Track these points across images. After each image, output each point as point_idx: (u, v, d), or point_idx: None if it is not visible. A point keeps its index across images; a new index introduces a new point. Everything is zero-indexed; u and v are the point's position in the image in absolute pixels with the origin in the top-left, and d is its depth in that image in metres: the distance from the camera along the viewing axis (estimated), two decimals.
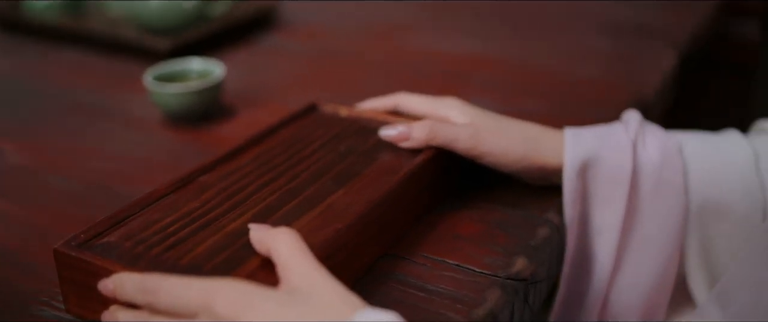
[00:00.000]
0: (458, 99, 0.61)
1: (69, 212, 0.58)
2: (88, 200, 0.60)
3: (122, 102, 0.79)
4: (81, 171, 0.64)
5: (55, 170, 0.65)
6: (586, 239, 0.59)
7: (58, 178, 0.63)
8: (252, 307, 0.36)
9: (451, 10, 1.08)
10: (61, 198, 0.60)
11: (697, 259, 0.62)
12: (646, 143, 0.59)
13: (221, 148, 0.67)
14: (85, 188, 0.61)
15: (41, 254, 0.52)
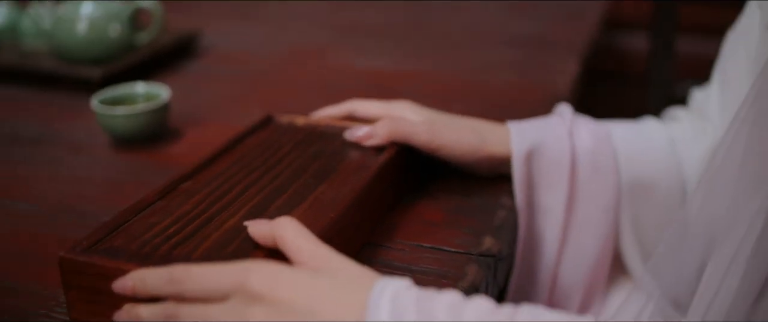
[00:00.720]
0: (409, 101, 0.66)
1: (41, 232, 0.58)
2: (57, 222, 0.60)
3: (64, 131, 0.78)
4: (41, 196, 0.64)
5: (14, 197, 0.64)
6: (535, 221, 0.65)
7: (19, 203, 0.63)
8: (285, 281, 0.39)
9: (366, 33, 1.13)
10: (29, 222, 0.60)
11: (630, 235, 0.70)
12: (580, 131, 0.66)
13: (175, 166, 0.69)
14: (50, 211, 0.62)
15: (25, 273, 0.52)
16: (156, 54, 0.95)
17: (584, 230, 0.66)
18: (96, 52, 0.91)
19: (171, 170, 0.68)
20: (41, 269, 0.53)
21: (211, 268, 0.41)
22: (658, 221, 0.69)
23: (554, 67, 0.96)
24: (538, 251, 0.66)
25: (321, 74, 0.96)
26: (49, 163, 0.71)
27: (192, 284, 0.40)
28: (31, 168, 0.70)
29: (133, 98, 0.76)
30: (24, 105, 0.87)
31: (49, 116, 0.83)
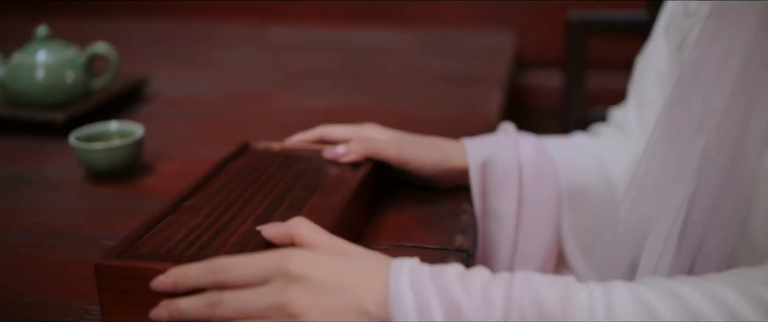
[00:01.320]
0: (375, 124, 0.74)
1: (46, 256, 0.62)
2: (57, 247, 0.64)
3: (37, 171, 0.82)
4: (32, 225, 0.68)
5: (5, 228, 0.67)
6: (491, 225, 0.74)
7: (12, 233, 0.66)
8: (318, 263, 0.46)
9: (306, 77, 1.21)
10: (30, 249, 0.63)
11: (570, 235, 0.79)
12: (523, 145, 0.75)
13: (155, 195, 0.74)
14: (46, 238, 0.65)
15: (46, 291, 0.56)
16: (111, 97, 0.99)
17: (532, 232, 0.75)
18: (53, 98, 0.95)
19: (152, 199, 0.73)
20: (60, 286, 0.57)
21: (251, 256, 0.46)
22: (593, 222, 0.79)
23: (483, 99, 1.06)
24: (494, 250, 0.74)
25: (270, 114, 1.02)
26: (31, 198, 0.74)
27: (235, 272, 0.46)
28: (14, 204, 0.73)
29: (107, 135, 0.80)
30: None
31: (17, 159, 0.85)
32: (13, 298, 0.56)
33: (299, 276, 0.45)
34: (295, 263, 0.45)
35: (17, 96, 0.95)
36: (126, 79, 1.06)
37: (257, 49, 1.41)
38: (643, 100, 0.80)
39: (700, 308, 0.44)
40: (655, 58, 0.79)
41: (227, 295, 0.46)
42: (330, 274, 0.45)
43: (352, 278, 0.46)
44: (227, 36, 1.51)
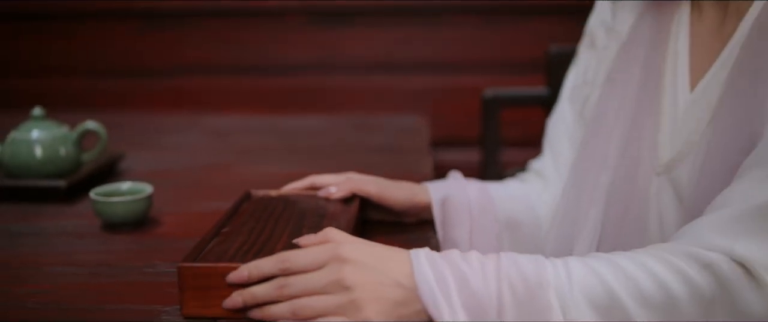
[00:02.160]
0: (354, 172, 0.91)
1: (100, 281, 0.75)
2: (109, 273, 0.76)
3: (53, 227, 0.93)
4: (77, 262, 0.80)
5: (47, 265, 0.79)
6: None
7: (63, 268, 0.78)
8: (362, 250, 0.62)
9: (254, 153, 1.37)
10: (79, 277, 0.76)
11: None
12: (469, 186, 0.95)
13: (170, 240, 0.87)
14: (95, 269, 0.78)
15: (120, 301, 0.69)
16: (101, 168, 1.12)
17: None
18: (48, 170, 1.07)
19: (168, 241, 0.87)
20: (129, 297, 0.70)
21: (313, 247, 0.63)
22: (526, 246, 0.98)
23: (417, 163, 1.26)
24: None
25: (238, 180, 1.17)
26: (65, 244, 0.86)
27: (300, 261, 0.62)
28: (52, 249, 0.85)
29: (120, 193, 0.93)
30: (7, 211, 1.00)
31: (31, 217, 0.97)
32: (96, 308, 0.68)
33: (349, 259, 0.62)
34: (345, 250, 0.62)
35: (16, 169, 1.06)
36: (109, 153, 1.19)
37: (201, 134, 1.56)
38: (557, 152, 1.02)
39: (627, 267, 0.64)
40: (563, 119, 1.02)
41: (293, 278, 0.62)
42: (370, 257, 0.62)
43: (386, 260, 0.63)
44: (170, 124, 1.65)
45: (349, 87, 1.90)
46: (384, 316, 0.61)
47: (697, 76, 0.82)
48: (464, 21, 1.85)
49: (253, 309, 0.63)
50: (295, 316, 0.61)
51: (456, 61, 1.87)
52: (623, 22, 0.93)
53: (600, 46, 0.96)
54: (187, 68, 1.90)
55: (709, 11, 0.83)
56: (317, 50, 1.89)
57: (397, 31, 1.88)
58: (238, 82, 1.90)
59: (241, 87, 1.90)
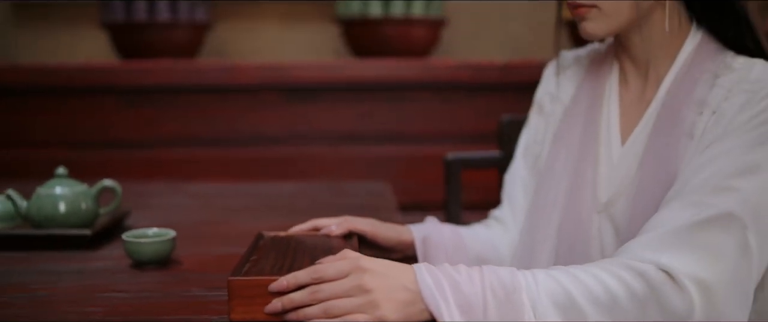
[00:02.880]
0: (349, 216, 1.09)
1: (145, 303, 0.89)
2: (155, 298, 0.91)
3: (88, 266, 1.07)
4: (125, 289, 0.94)
5: (103, 290, 0.94)
6: None
7: (112, 294, 0.93)
8: (377, 262, 0.80)
9: (241, 212, 1.53)
10: (134, 300, 0.90)
11: None
12: (444, 228, 1.13)
13: (193, 274, 1.02)
14: (139, 294, 0.92)
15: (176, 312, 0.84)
16: (116, 219, 1.27)
17: None
18: (71, 222, 1.21)
19: (195, 277, 1.02)
20: (183, 311, 0.85)
21: (338, 262, 0.79)
22: None
23: (390, 219, 1.44)
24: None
25: (238, 231, 1.33)
26: (105, 279, 1.00)
27: (329, 272, 0.79)
28: (95, 281, 0.99)
29: (147, 236, 1.08)
30: (36, 259, 1.13)
31: (62, 261, 1.10)
32: (156, 319, 0.83)
33: (367, 269, 0.79)
34: (363, 262, 0.79)
35: (42, 221, 1.20)
36: (119, 208, 1.33)
37: (187, 197, 1.71)
38: (513, 201, 1.21)
39: (580, 276, 0.83)
40: (518, 173, 1.22)
41: (323, 286, 0.79)
42: (383, 268, 0.80)
43: (395, 270, 0.80)
44: (154, 190, 1.79)
45: (318, 157, 2.08)
46: (395, 313, 0.78)
47: (627, 133, 1.03)
48: (422, 97, 2.07)
49: (290, 312, 0.79)
50: (326, 314, 0.78)
51: (416, 133, 2.08)
52: (566, 92, 1.15)
53: (547, 111, 1.17)
54: (165, 140, 2.06)
55: (633, 81, 1.05)
56: (288, 123, 2.08)
57: (361, 105, 2.09)
58: (214, 153, 2.07)
59: (217, 158, 2.07)
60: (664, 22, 1.00)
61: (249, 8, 2.66)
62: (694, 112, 0.95)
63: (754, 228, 0.87)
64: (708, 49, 0.99)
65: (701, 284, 0.84)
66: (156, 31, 2.18)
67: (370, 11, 2.30)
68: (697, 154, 0.92)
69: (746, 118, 0.90)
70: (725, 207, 0.86)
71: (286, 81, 2.06)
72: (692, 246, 0.85)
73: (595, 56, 1.14)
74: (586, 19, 1.00)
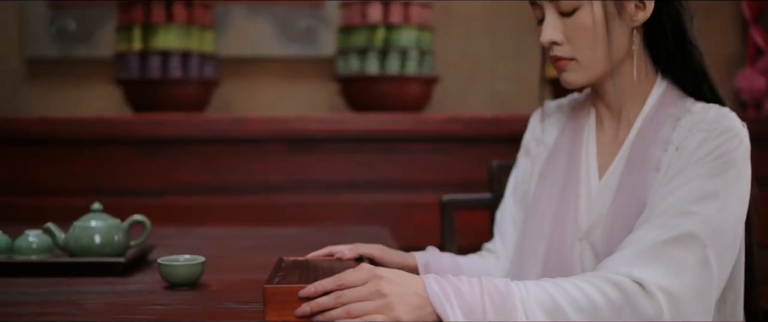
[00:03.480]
0: (359, 243, 1.22)
1: (188, 312, 1.02)
2: (195, 310, 1.04)
3: (127, 288, 1.20)
4: (169, 303, 1.07)
5: (147, 304, 1.06)
6: None
7: (152, 307, 1.05)
8: (393, 272, 0.93)
9: (255, 250, 1.66)
10: (176, 309, 1.03)
11: None
12: (443, 256, 1.27)
13: (222, 294, 1.15)
14: (179, 307, 1.05)
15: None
16: (145, 250, 1.39)
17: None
18: (105, 252, 1.33)
19: (225, 295, 1.14)
20: (224, 317, 0.98)
21: (358, 271, 0.93)
22: None
23: None
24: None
25: (252, 264, 1.46)
26: (142, 296, 1.13)
27: (350, 279, 0.92)
28: (134, 300, 1.11)
29: (179, 260, 1.21)
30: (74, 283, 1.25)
31: (102, 284, 1.23)
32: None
33: (384, 277, 0.92)
34: (380, 271, 0.93)
35: (79, 250, 1.33)
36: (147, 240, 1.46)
37: (199, 239, 1.84)
38: (504, 234, 1.35)
39: (565, 285, 0.97)
40: (508, 209, 1.36)
41: (346, 291, 0.92)
42: (397, 276, 0.93)
43: (407, 279, 0.94)
44: (167, 233, 1.91)
45: (318, 204, 2.22)
46: (408, 314, 0.91)
47: (603, 170, 1.19)
48: (416, 148, 2.23)
49: (318, 314, 0.92)
50: (349, 315, 0.91)
51: (411, 182, 2.23)
52: (550, 136, 1.30)
53: (533, 153, 1.32)
54: (176, 188, 2.19)
55: (608, 124, 1.21)
56: (291, 172, 2.22)
57: (359, 156, 2.24)
58: (222, 200, 2.20)
59: (224, 204, 2.20)
60: (633, 73, 1.16)
61: (253, 67, 2.84)
62: (660, 149, 1.11)
63: (713, 247, 1.02)
64: (671, 96, 1.16)
65: (668, 293, 0.98)
66: (168, 86, 2.34)
67: (368, 69, 2.47)
68: (663, 185, 1.07)
69: (704, 153, 1.06)
70: (687, 228, 1.01)
71: (289, 133, 2.21)
72: (660, 261, 1.00)
73: (574, 104, 1.30)
74: (566, 70, 1.16)
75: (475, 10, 2.93)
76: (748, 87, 2.95)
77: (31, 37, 2.83)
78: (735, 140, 1.07)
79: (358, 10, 2.53)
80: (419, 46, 2.54)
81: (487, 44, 2.93)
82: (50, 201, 2.18)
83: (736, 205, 1.05)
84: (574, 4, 1.12)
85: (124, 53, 2.39)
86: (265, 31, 2.87)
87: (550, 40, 1.14)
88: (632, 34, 1.15)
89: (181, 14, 2.36)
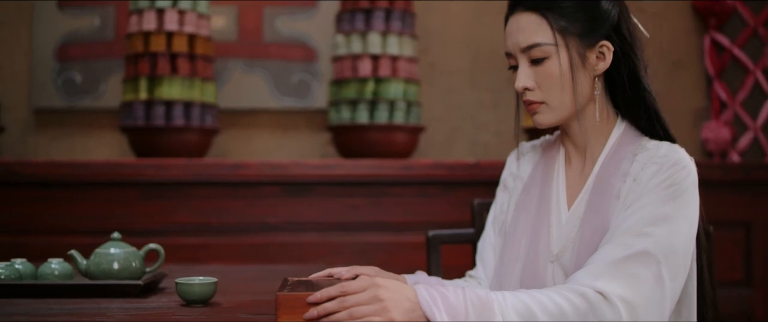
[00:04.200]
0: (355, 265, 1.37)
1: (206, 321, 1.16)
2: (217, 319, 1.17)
3: (148, 306, 1.33)
4: (192, 316, 1.20)
5: (166, 316, 1.20)
6: None
7: (170, 320, 1.19)
8: (388, 281, 1.08)
9: (260, 278, 1.79)
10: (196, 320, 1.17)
11: None
12: (431, 280, 1.42)
13: (234, 310, 1.29)
14: (199, 317, 1.18)
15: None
16: (159, 275, 1.53)
17: None
18: (123, 277, 1.47)
19: (235, 311, 1.28)
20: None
21: (359, 280, 1.08)
22: None
23: None
24: None
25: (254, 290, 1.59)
26: (160, 312, 1.26)
27: (351, 287, 1.07)
28: (151, 315, 1.25)
29: (194, 281, 1.35)
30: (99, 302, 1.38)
31: (123, 303, 1.36)
32: None
33: (380, 285, 1.07)
34: (377, 281, 1.08)
35: (99, 275, 1.46)
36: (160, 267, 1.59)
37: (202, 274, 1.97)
38: (485, 261, 1.50)
39: (537, 295, 1.12)
40: (489, 238, 1.51)
41: (348, 297, 1.07)
42: (392, 284, 1.08)
43: (400, 287, 1.09)
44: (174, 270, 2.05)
45: (311, 243, 2.36)
46: (401, 315, 1.06)
47: (571, 200, 1.35)
48: (403, 192, 2.39)
49: (324, 317, 1.07)
50: (351, 317, 1.05)
51: (398, 223, 2.38)
52: (524, 172, 1.46)
53: (510, 188, 1.49)
54: (178, 228, 2.33)
55: (575, 160, 1.37)
56: (286, 214, 2.37)
57: (350, 199, 2.39)
58: (222, 240, 2.34)
59: (224, 244, 2.34)
60: (596, 115, 1.33)
61: (249, 118, 3.01)
62: (620, 181, 1.27)
63: (666, 263, 1.17)
64: (629, 135, 1.33)
65: (627, 302, 1.13)
66: (171, 133, 2.49)
67: (358, 118, 2.64)
68: (623, 211, 1.23)
69: (657, 182, 1.23)
70: (643, 247, 1.17)
71: (284, 178, 2.36)
72: (620, 275, 1.15)
73: (546, 144, 1.47)
74: (537, 112, 1.33)
75: (458, 65, 3.13)
76: (714, 138, 3.15)
77: (38, 88, 2.99)
78: (683, 172, 1.23)
79: (349, 64, 2.72)
80: (406, 98, 2.72)
81: (469, 97, 3.12)
82: (59, 240, 2.30)
83: (686, 227, 1.21)
84: (543, 54, 1.29)
85: (131, 102, 2.55)
86: (261, 85, 3.05)
87: (524, 86, 1.32)
88: (594, 81, 1.32)
89: (184, 67, 2.53)
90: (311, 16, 3.09)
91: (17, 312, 1.24)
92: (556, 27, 1.28)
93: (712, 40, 3.23)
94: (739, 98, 3.18)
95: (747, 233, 2.53)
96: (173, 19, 2.53)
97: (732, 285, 2.51)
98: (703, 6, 3.21)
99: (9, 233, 2.26)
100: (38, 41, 3.00)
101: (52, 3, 3.02)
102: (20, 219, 2.30)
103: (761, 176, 2.52)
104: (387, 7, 2.70)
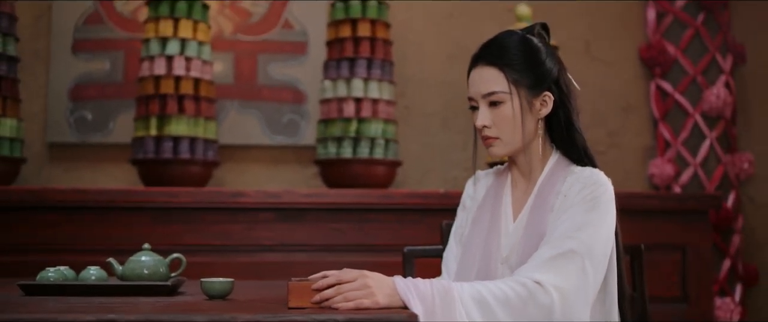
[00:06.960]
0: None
1: (230, 307, 1.48)
2: (239, 307, 1.49)
3: (177, 302, 1.64)
4: (217, 307, 1.52)
5: (196, 307, 1.51)
6: None
7: (194, 306, 1.51)
8: (373, 273, 1.42)
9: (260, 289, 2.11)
10: (222, 310, 1.48)
11: None
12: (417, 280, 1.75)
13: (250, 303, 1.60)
14: (224, 308, 1.50)
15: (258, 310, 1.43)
16: (180, 282, 1.85)
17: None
18: (152, 279, 1.79)
19: (251, 304, 1.60)
20: (261, 309, 1.44)
21: (352, 271, 1.41)
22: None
23: None
24: None
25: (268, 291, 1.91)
26: (189, 303, 1.58)
27: (345, 277, 1.40)
28: (182, 306, 1.56)
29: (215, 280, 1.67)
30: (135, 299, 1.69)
31: (156, 297, 1.67)
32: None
33: (368, 275, 1.41)
34: (365, 272, 1.42)
35: (133, 279, 1.77)
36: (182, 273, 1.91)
37: None
38: (449, 268, 1.84)
39: (488, 285, 1.46)
40: (452, 249, 1.85)
41: (343, 285, 1.40)
42: (377, 275, 1.42)
43: (383, 278, 1.43)
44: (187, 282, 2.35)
45: (301, 262, 2.68)
46: (385, 299, 1.39)
47: (516, 214, 1.70)
48: (383, 217, 2.73)
49: (326, 301, 1.39)
50: (346, 300, 1.38)
51: (377, 245, 2.71)
52: (479, 194, 1.81)
53: (468, 207, 1.83)
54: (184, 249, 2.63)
55: (520, 183, 1.73)
56: (280, 236, 2.69)
57: (335, 224, 2.73)
58: (222, 259, 2.65)
59: (224, 262, 2.65)
60: (538, 148, 1.69)
61: (244, 153, 3.35)
62: (554, 198, 1.63)
63: (589, 260, 1.52)
64: (562, 163, 1.69)
65: (559, 289, 1.47)
66: (177, 165, 2.82)
67: (343, 153, 2.99)
68: (554, 221, 1.58)
69: (581, 197, 1.58)
70: (570, 247, 1.52)
71: (278, 204, 2.69)
72: (552, 269, 1.50)
73: (497, 172, 1.82)
74: (493, 145, 1.68)
75: (432, 108, 3.50)
76: (659, 173, 3.53)
77: (53, 125, 3.31)
78: (602, 188, 1.59)
79: (335, 106, 3.08)
80: (385, 135, 3.08)
81: (441, 137, 3.48)
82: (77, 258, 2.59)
83: (604, 232, 1.57)
84: (500, 99, 1.64)
85: (142, 138, 2.88)
86: (255, 124, 3.40)
87: (483, 124, 1.67)
88: (538, 122, 1.68)
89: (190, 108, 2.87)
90: (301, 63, 3.45)
91: (71, 304, 1.55)
92: (510, 79, 1.64)
93: (658, 86, 3.63)
94: (681, 138, 3.57)
95: (683, 255, 2.90)
96: (181, 65, 2.87)
97: (670, 301, 2.86)
98: (649, 56, 3.62)
99: (37, 251, 2.56)
100: (54, 82, 3.33)
101: (66, 48, 3.35)
102: (46, 240, 2.60)
103: (694, 205, 2.90)
104: (368, 56, 3.07)
